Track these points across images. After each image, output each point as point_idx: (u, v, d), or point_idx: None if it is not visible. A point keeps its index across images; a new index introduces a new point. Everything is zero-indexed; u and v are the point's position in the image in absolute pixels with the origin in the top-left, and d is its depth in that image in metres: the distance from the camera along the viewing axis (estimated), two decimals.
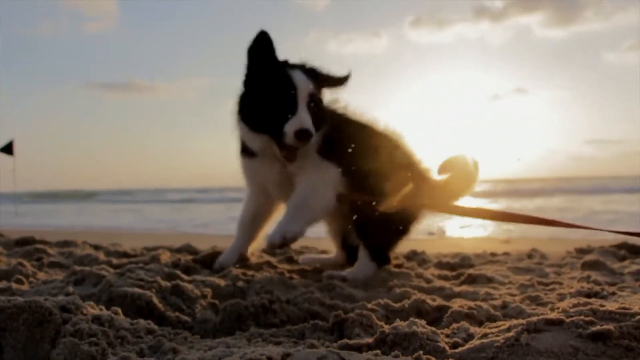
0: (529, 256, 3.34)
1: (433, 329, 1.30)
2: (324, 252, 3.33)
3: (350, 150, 2.28)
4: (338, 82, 2.34)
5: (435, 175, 2.52)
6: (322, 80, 2.27)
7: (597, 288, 1.87)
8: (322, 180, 2.26)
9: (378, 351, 1.17)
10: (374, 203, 2.21)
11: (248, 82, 2.25)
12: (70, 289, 1.83)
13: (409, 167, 2.44)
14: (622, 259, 2.91)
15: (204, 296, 1.89)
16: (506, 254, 3.56)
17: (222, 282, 2.06)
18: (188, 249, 3.33)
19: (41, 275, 2.31)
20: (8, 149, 11.99)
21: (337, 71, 2.34)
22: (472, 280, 2.32)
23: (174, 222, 9.88)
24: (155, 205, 17.93)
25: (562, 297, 1.83)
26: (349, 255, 2.62)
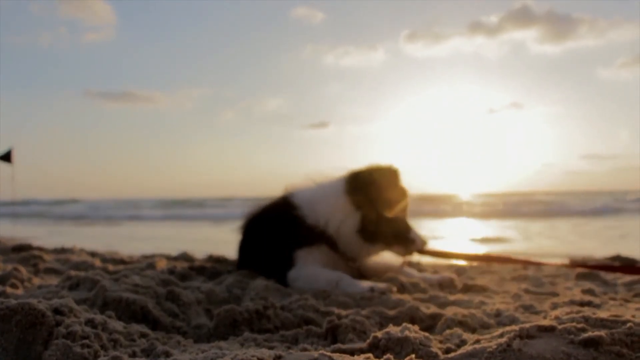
0: (524, 267, 3.34)
1: (426, 334, 1.30)
2: None
3: None
4: None
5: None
6: None
7: (590, 297, 1.87)
8: None
9: (370, 355, 1.18)
10: None
11: None
12: (65, 293, 1.83)
13: None
14: None
15: (199, 302, 1.89)
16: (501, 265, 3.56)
17: (217, 289, 2.06)
18: (185, 257, 3.33)
19: (36, 281, 2.30)
20: (7, 157, 11.99)
21: None
22: (467, 289, 2.32)
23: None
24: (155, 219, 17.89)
25: (555, 306, 1.83)
26: None
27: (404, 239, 2.52)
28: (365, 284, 2.21)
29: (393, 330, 1.28)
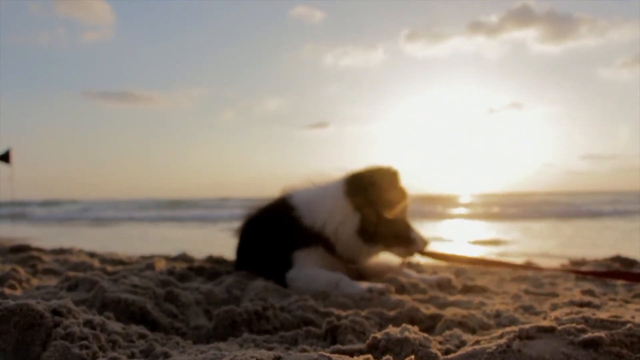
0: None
1: (425, 335, 1.30)
2: None
3: None
4: None
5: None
6: None
7: (590, 298, 1.87)
8: None
9: (369, 355, 1.17)
10: None
11: None
12: (63, 294, 1.83)
13: None
14: None
15: (198, 303, 1.89)
16: None
17: (216, 289, 2.06)
18: (184, 258, 3.33)
19: (35, 281, 2.30)
20: (5, 157, 11.96)
21: None
22: (467, 290, 2.32)
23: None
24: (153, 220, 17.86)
25: (555, 307, 1.83)
26: None
27: (405, 240, 2.51)
28: (365, 284, 2.21)
29: (392, 331, 1.28)
